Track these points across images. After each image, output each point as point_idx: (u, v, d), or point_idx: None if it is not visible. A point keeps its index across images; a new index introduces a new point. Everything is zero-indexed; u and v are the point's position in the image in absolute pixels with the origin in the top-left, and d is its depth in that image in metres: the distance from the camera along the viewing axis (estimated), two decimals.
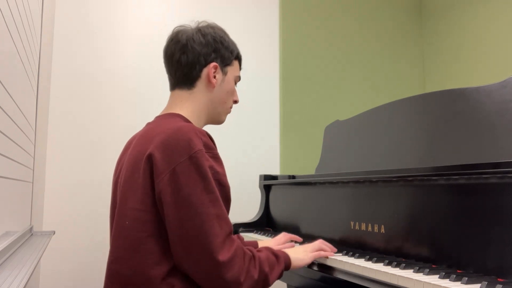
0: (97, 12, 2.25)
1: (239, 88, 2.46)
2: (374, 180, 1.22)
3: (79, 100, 2.17)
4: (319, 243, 1.22)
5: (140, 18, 2.33)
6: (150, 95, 2.27)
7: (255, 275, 0.98)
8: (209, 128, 1.32)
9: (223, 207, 0.98)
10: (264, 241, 1.38)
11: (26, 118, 1.33)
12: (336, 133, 1.76)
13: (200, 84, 1.15)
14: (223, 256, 0.92)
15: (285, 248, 1.23)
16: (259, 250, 1.07)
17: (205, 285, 0.96)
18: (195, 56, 1.13)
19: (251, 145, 2.49)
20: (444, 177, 1.01)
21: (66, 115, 2.14)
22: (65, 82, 2.16)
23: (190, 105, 1.14)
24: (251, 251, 1.02)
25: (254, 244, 1.34)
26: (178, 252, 0.95)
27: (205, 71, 1.14)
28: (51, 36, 2.12)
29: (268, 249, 1.09)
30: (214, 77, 1.15)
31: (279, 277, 1.07)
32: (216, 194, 0.96)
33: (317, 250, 1.19)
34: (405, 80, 2.94)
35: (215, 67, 1.14)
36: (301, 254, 1.17)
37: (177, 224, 0.93)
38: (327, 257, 1.18)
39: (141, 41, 2.31)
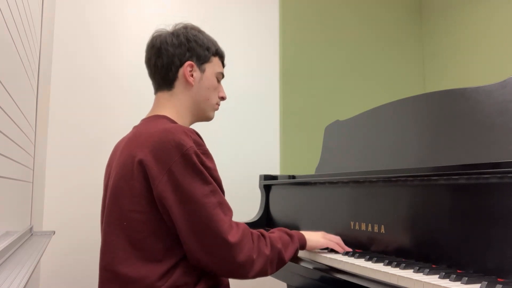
0: (97, 12, 2.25)
1: (240, 87, 2.47)
2: (374, 180, 1.22)
3: (79, 100, 2.17)
4: (338, 239, 1.26)
5: (140, 18, 2.33)
6: (150, 95, 2.26)
7: (267, 251, 1.02)
8: (209, 128, 1.32)
9: (222, 195, 1.01)
10: None
11: (26, 118, 1.33)
12: (336, 133, 1.76)
13: (179, 85, 1.17)
14: (232, 238, 0.96)
15: None
16: (272, 232, 1.11)
17: (222, 271, 1.00)
18: (169, 58, 1.15)
19: (251, 145, 2.49)
20: (444, 177, 1.01)
21: (66, 115, 2.14)
22: (65, 82, 2.16)
23: (173, 106, 1.17)
24: (259, 231, 1.06)
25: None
26: (191, 246, 0.97)
27: (181, 71, 1.16)
28: (51, 36, 2.12)
29: (281, 229, 1.13)
30: (192, 75, 1.16)
31: (295, 255, 1.11)
32: (214, 185, 1.00)
33: (333, 242, 1.23)
34: (405, 80, 2.94)
35: (191, 66, 1.16)
36: (317, 236, 1.21)
37: (184, 219, 0.96)
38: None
39: (141, 41, 2.30)
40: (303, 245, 1.16)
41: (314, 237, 1.20)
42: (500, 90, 1.13)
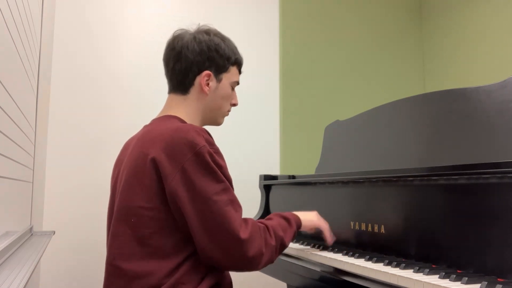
0: (97, 12, 2.25)
1: (239, 88, 2.46)
2: (374, 180, 1.22)
3: (79, 100, 2.17)
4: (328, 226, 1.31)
5: (140, 18, 2.33)
6: (150, 95, 2.27)
7: (273, 242, 1.06)
8: (209, 128, 1.32)
9: (233, 193, 1.04)
10: None
11: (26, 118, 1.33)
12: (336, 133, 1.76)
13: (194, 91, 1.17)
14: (244, 234, 0.98)
15: None
16: (269, 218, 1.14)
17: (234, 266, 1.03)
18: (188, 65, 1.15)
19: (251, 145, 2.49)
20: (444, 177, 1.01)
21: (66, 115, 2.14)
22: (65, 82, 2.16)
23: (185, 109, 1.17)
24: (262, 222, 1.09)
25: None
26: (203, 242, 0.99)
27: (198, 79, 1.16)
28: (51, 36, 2.12)
29: (277, 214, 1.17)
30: (208, 84, 1.16)
31: (294, 237, 1.16)
32: (226, 183, 1.02)
33: (326, 225, 1.29)
34: (405, 80, 2.94)
35: (208, 75, 1.16)
36: (311, 216, 1.26)
37: (197, 217, 0.97)
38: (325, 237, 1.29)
39: (141, 41, 2.31)
40: (299, 226, 1.19)
41: (308, 217, 1.25)
42: (500, 90, 1.13)
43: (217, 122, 1.25)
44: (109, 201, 1.15)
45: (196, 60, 1.15)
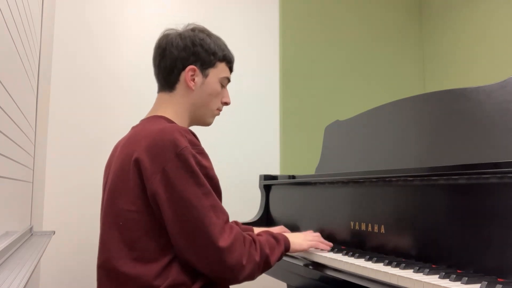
0: (97, 12, 2.25)
1: (240, 88, 2.47)
2: (374, 180, 1.22)
3: (79, 100, 2.17)
4: (319, 236, 1.29)
5: (140, 18, 2.33)
6: (150, 95, 2.26)
7: (257, 257, 1.02)
8: (209, 128, 1.32)
9: (216, 198, 1.01)
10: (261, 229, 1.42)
11: (26, 118, 1.33)
12: (336, 133, 1.76)
13: (180, 88, 1.16)
14: (223, 242, 0.96)
15: (282, 232, 1.29)
16: (259, 234, 1.11)
17: (210, 273, 0.99)
18: (173, 61, 1.15)
19: (251, 145, 2.49)
20: (444, 177, 1.01)
21: (66, 115, 2.14)
22: (65, 82, 2.16)
23: (172, 108, 1.16)
24: (251, 235, 1.06)
25: (250, 229, 1.38)
26: (180, 246, 0.97)
27: (183, 74, 1.15)
28: (51, 36, 2.12)
29: (267, 232, 1.14)
30: (193, 80, 1.15)
31: (280, 258, 1.12)
32: (208, 187, 0.99)
33: (315, 241, 1.26)
34: (405, 80, 2.94)
35: (193, 70, 1.15)
36: (300, 239, 1.23)
37: (175, 219, 0.96)
38: (320, 249, 1.27)
39: (141, 41, 2.31)
40: (287, 248, 1.16)
41: (297, 240, 1.21)
42: (500, 90, 1.13)
43: (206, 122, 1.22)
44: (101, 205, 1.15)
45: (181, 56, 1.14)
